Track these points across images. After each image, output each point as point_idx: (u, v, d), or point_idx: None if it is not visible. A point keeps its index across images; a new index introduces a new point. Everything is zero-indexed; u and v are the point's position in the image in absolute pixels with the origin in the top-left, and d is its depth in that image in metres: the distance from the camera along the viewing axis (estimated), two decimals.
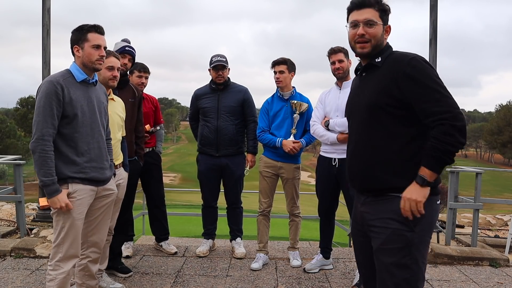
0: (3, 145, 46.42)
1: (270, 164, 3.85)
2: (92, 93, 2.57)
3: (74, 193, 2.46)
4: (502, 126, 60.73)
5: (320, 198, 3.67)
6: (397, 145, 1.83)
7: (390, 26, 1.95)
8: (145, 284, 3.44)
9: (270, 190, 3.89)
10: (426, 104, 1.75)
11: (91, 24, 2.52)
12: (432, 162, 1.75)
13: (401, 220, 1.80)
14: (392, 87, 1.81)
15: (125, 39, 3.70)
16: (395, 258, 1.80)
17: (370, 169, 1.89)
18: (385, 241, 1.83)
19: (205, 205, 4.25)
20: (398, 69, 1.80)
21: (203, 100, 4.06)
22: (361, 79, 2.01)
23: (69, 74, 2.50)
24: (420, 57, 1.82)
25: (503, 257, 4.14)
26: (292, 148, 3.68)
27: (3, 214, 5.94)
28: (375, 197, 1.91)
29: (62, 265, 2.46)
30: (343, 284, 3.51)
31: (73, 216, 2.45)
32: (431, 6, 4.81)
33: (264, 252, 3.94)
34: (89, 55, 2.48)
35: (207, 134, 4.03)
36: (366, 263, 2.05)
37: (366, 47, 1.90)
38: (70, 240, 2.46)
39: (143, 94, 3.95)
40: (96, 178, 2.54)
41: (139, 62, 3.97)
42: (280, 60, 3.81)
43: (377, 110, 1.85)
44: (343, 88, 3.48)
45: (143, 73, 4.00)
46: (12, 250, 4.01)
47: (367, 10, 1.88)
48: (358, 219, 2.04)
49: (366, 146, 1.91)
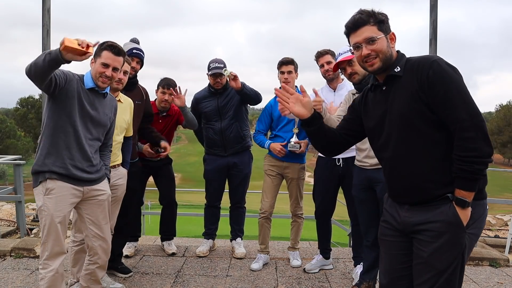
0: (3, 145, 46.44)
1: (275, 164, 3.83)
2: (97, 103, 2.60)
3: (53, 190, 2.46)
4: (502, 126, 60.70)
5: (319, 200, 3.65)
6: (438, 152, 1.76)
7: (394, 32, 1.88)
8: (145, 284, 3.43)
9: (273, 189, 3.86)
10: (447, 110, 1.70)
11: (110, 43, 2.56)
12: (465, 184, 1.70)
13: (455, 223, 1.74)
14: (420, 92, 1.74)
15: (134, 39, 3.63)
16: (447, 263, 1.75)
17: (414, 183, 1.81)
18: (439, 246, 1.76)
19: (208, 204, 4.24)
20: (421, 73, 1.74)
21: (204, 104, 4.06)
22: (383, 93, 1.91)
23: (81, 79, 2.57)
24: (441, 60, 1.75)
25: (503, 257, 4.14)
26: (280, 151, 3.67)
27: (3, 214, 5.95)
28: (421, 205, 1.83)
29: (50, 263, 2.48)
30: (343, 284, 3.51)
31: (51, 213, 2.45)
32: (431, 6, 4.81)
33: (265, 252, 3.93)
34: (96, 71, 2.53)
35: (213, 136, 4.05)
36: (392, 266, 1.98)
37: (376, 63, 1.85)
38: (52, 237, 2.47)
39: (174, 107, 4.07)
40: (78, 177, 2.53)
41: (166, 78, 4.00)
42: (288, 60, 3.71)
43: (412, 119, 1.77)
44: (338, 90, 3.49)
45: (166, 89, 3.95)
46: (12, 250, 4.01)
47: (364, 29, 1.84)
48: (396, 221, 1.94)
49: (406, 160, 1.83)
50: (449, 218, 1.74)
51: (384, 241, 2.05)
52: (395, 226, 1.94)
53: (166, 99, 3.97)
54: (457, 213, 1.73)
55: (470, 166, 1.66)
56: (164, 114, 4.05)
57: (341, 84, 3.53)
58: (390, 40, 1.87)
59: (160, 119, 4.03)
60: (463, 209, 1.72)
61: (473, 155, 1.65)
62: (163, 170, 4.16)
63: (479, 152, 1.65)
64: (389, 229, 1.99)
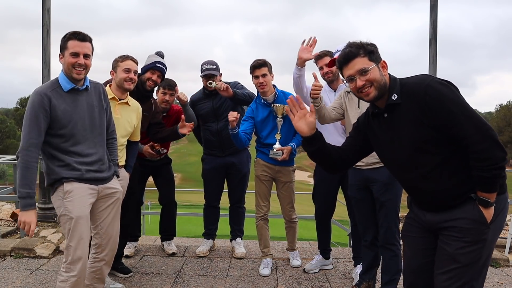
0: (3, 145, 46.46)
1: (267, 168, 3.74)
2: (83, 100, 2.53)
3: (71, 192, 2.44)
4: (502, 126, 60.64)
5: (320, 201, 3.63)
6: (453, 165, 1.83)
7: (385, 61, 1.94)
8: (145, 284, 3.44)
9: (268, 193, 3.82)
10: (453, 129, 1.75)
11: (72, 31, 2.45)
12: (486, 187, 1.77)
13: (480, 221, 1.80)
14: (423, 118, 1.79)
15: (159, 52, 3.62)
16: (471, 258, 1.81)
17: (435, 198, 1.88)
18: (464, 242, 1.81)
19: (207, 204, 4.24)
20: (419, 101, 1.79)
21: (199, 106, 4.06)
22: (385, 120, 1.95)
23: (57, 84, 2.48)
24: (433, 82, 1.79)
25: (503, 257, 4.13)
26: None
27: (3, 214, 5.96)
28: (446, 209, 1.89)
29: (73, 267, 2.44)
30: (343, 284, 3.51)
31: (73, 215, 2.43)
32: (431, 6, 4.82)
33: (270, 256, 3.85)
34: (67, 63, 2.43)
35: (210, 137, 4.06)
36: (415, 262, 2.03)
37: (371, 92, 1.89)
38: (75, 241, 2.44)
39: (174, 108, 4.08)
40: (93, 178, 2.53)
41: (166, 78, 3.96)
42: (260, 63, 3.55)
43: (422, 143, 1.83)
44: (338, 91, 3.48)
45: (167, 90, 3.96)
46: (12, 250, 4.01)
47: (355, 61, 1.88)
48: (421, 220, 1.99)
49: (423, 180, 1.89)
50: (474, 216, 1.80)
51: (407, 237, 2.09)
52: (420, 223, 2.00)
53: (167, 100, 3.98)
54: (481, 212, 1.80)
55: (489, 173, 1.74)
56: (164, 114, 4.06)
57: (341, 85, 3.53)
58: (382, 68, 1.91)
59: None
60: (487, 209, 1.79)
61: (489, 163, 1.73)
62: (162, 170, 4.17)
63: (494, 160, 1.73)
64: (414, 226, 2.05)
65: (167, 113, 4.08)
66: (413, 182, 1.95)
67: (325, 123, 3.28)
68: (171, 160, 4.34)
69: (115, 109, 3.03)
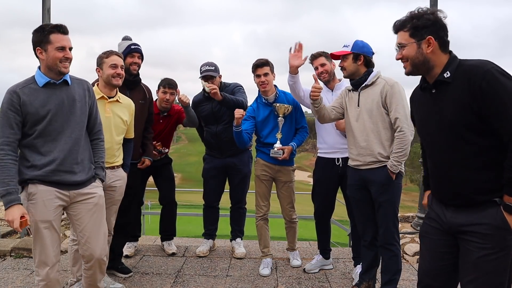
0: None
1: (267, 167, 3.74)
2: (62, 94, 2.42)
3: (35, 194, 2.34)
4: None
5: (319, 201, 3.63)
6: (485, 158, 1.78)
7: (431, 37, 1.84)
8: (145, 284, 3.44)
9: (268, 193, 3.82)
10: (500, 122, 1.70)
11: (53, 24, 2.36)
12: None
13: (503, 227, 1.76)
14: (472, 103, 1.73)
15: (126, 36, 3.63)
16: (495, 265, 1.77)
17: (461, 189, 1.84)
18: (487, 249, 1.77)
19: (207, 205, 4.24)
20: (473, 84, 1.72)
21: (200, 108, 4.05)
22: (432, 96, 1.91)
23: (32, 80, 2.40)
24: (495, 69, 1.72)
25: None
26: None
27: (3, 214, 5.95)
28: (467, 207, 1.85)
29: (40, 271, 2.40)
30: (343, 284, 3.51)
31: (36, 219, 2.34)
32: (431, 6, 4.82)
33: (269, 256, 3.85)
34: (53, 58, 2.34)
35: (210, 139, 4.07)
36: (433, 264, 1.99)
37: (407, 67, 1.93)
38: (38, 246, 2.38)
39: (175, 108, 4.09)
40: (62, 182, 2.40)
41: (166, 78, 4.00)
42: (263, 62, 3.57)
43: (462, 128, 1.79)
44: (335, 90, 3.49)
45: (167, 89, 3.96)
46: (12, 250, 4.01)
47: (399, 34, 1.94)
48: (441, 220, 1.96)
49: (453, 166, 1.86)
50: (497, 222, 1.76)
51: (426, 238, 2.06)
52: (440, 225, 1.97)
53: (167, 99, 3.97)
54: (505, 218, 1.75)
55: None
56: (165, 114, 4.06)
57: (338, 84, 3.52)
58: (427, 45, 1.85)
59: (161, 119, 4.03)
60: (511, 215, 1.73)
61: None
62: (163, 170, 4.17)
63: None
64: (433, 227, 2.01)
65: (168, 113, 4.08)
66: (443, 167, 1.91)
67: (324, 123, 3.29)
68: (171, 160, 4.35)
69: (105, 108, 2.95)
